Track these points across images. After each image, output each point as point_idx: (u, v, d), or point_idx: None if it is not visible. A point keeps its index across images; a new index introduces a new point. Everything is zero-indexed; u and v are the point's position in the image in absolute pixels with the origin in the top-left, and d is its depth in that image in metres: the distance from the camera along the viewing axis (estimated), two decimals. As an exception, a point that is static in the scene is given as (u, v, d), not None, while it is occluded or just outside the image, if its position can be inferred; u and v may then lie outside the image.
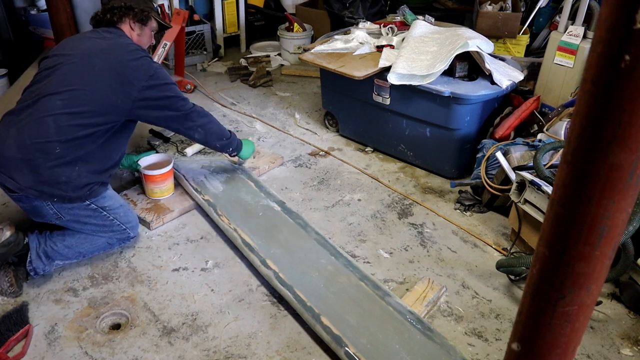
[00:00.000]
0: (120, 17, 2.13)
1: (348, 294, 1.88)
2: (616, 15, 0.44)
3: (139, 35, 2.19)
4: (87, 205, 2.02)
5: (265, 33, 4.81)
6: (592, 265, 0.54)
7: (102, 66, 1.96)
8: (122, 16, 2.13)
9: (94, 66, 1.96)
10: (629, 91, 0.45)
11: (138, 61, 2.01)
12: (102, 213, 2.06)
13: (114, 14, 2.12)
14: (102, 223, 2.07)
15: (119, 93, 1.95)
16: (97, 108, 1.93)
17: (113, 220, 2.09)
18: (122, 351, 1.76)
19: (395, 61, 2.66)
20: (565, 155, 0.51)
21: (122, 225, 2.12)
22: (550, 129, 2.48)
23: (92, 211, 2.04)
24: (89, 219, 2.05)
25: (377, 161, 2.98)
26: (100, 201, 2.05)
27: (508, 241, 2.32)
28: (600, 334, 1.87)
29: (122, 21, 2.14)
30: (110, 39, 2.08)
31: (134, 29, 2.17)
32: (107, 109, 1.95)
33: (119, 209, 2.12)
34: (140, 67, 1.99)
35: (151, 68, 2.02)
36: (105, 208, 2.06)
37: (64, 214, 1.99)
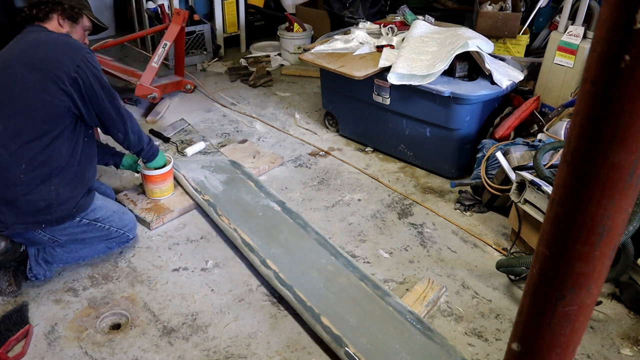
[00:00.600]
0: (46, 13, 1.93)
1: (348, 294, 1.88)
2: (616, 15, 0.44)
3: (69, 32, 1.99)
4: (79, 222, 1.95)
5: (265, 33, 4.81)
6: (592, 265, 0.54)
7: (24, 72, 1.79)
8: (49, 12, 1.93)
9: (16, 76, 1.79)
10: (629, 91, 0.45)
11: (62, 50, 1.83)
12: (97, 225, 2.01)
13: (40, 9, 1.93)
14: (100, 234, 2.04)
15: (53, 92, 1.78)
16: (38, 117, 1.78)
17: (110, 228, 2.06)
18: (122, 351, 1.76)
19: (395, 61, 2.66)
20: (565, 155, 0.51)
21: (120, 230, 2.10)
22: (550, 129, 2.48)
23: (86, 226, 1.98)
24: (86, 234, 2.01)
25: (377, 161, 2.98)
26: (91, 214, 1.98)
27: (508, 241, 2.32)
28: (600, 334, 1.87)
29: (48, 17, 1.94)
30: (28, 38, 1.89)
31: (63, 26, 1.98)
32: (48, 112, 1.79)
33: (113, 216, 2.07)
34: (65, 56, 1.81)
35: (78, 55, 1.83)
36: (98, 220, 2.01)
37: (59, 236, 1.94)
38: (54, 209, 1.85)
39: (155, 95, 3.31)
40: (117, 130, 2.01)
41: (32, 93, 1.78)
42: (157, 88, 3.33)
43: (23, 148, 1.78)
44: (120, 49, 4.44)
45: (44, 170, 1.82)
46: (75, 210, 1.92)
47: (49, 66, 1.79)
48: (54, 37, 1.89)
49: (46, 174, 1.82)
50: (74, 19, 2.00)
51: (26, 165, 1.78)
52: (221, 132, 3.22)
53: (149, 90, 3.27)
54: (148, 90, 3.27)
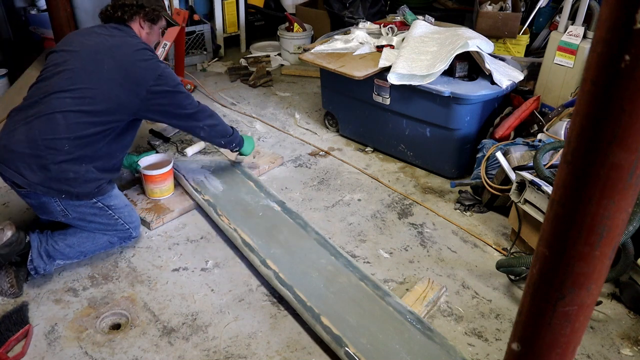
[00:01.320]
0: (131, 15, 2.12)
1: (348, 294, 1.88)
2: (616, 15, 0.44)
3: (148, 34, 2.19)
4: (94, 204, 2.02)
5: (265, 33, 4.81)
6: (592, 265, 0.54)
7: (111, 64, 1.96)
8: (133, 14, 2.12)
9: (103, 64, 1.96)
10: (629, 91, 0.45)
11: (147, 62, 2.01)
12: (108, 212, 2.07)
13: (125, 11, 2.11)
14: (107, 222, 2.08)
15: (128, 92, 1.96)
16: (106, 107, 1.93)
17: (118, 219, 2.09)
18: (122, 351, 1.76)
19: (395, 61, 2.66)
20: (565, 155, 0.51)
21: (126, 224, 2.13)
22: (550, 129, 2.48)
23: (99, 209, 2.04)
24: (95, 217, 2.05)
25: (377, 161, 2.98)
26: (107, 199, 2.05)
27: (508, 241, 2.32)
28: (600, 334, 1.87)
29: (132, 19, 2.13)
30: (119, 36, 2.07)
31: (144, 27, 2.17)
32: (116, 107, 1.95)
33: (124, 208, 2.12)
34: (149, 67, 2.00)
35: (159, 68, 2.02)
36: (111, 207, 2.07)
37: (71, 211, 1.99)
38: (79, 184, 1.94)
39: (155, 95, 3.30)
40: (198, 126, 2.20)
41: (111, 85, 1.94)
42: (157, 88, 3.32)
43: (80, 125, 1.90)
44: (120, 49, 4.44)
45: (86, 150, 1.93)
46: (97, 191, 2.00)
47: (134, 70, 1.97)
48: (141, 46, 2.06)
49: (86, 154, 1.94)
50: (154, 21, 2.19)
51: (74, 139, 1.90)
52: (221, 132, 3.22)
53: (149, 90, 3.27)
54: (148, 90, 3.27)
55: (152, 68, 2.00)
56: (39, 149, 1.86)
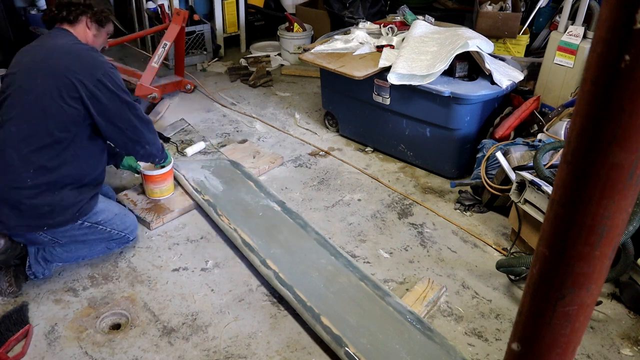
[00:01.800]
0: (77, 16, 1.96)
1: (348, 294, 1.88)
2: (616, 15, 0.44)
3: (95, 36, 2.03)
4: (81, 225, 1.95)
5: (265, 33, 4.81)
6: (592, 265, 0.54)
7: (44, 77, 1.81)
8: (79, 14, 1.96)
9: (36, 80, 1.81)
10: (629, 91, 0.45)
11: (84, 63, 1.86)
12: (98, 227, 2.01)
13: (71, 11, 1.95)
14: (101, 236, 2.05)
15: (69, 100, 1.80)
16: (52, 123, 1.79)
17: (111, 231, 2.06)
18: (122, 351, 1.76)
19: (395, 61, 2.66)
20: (565, 155, 0.51)
21: (121, 232, 2.10)
22: (550, 129, 2.48)
23: (87, 229, 1.99)
24: (87, 236, 2.01)
25: (377, 161, 2.98)
26: (93, 217, 1.98)
27: (508, 241, 2.32)
28: (600, 334, 1.87)
29: (78, 20, 1.96)
30: (54, 44, 1.91)
31: (90, 28, 2.00)
32: (62, 120, 1.81)
33: (114, 219, 2.06)
34: (86, 69, 1.84)
35: (100, 69, 1.85)
36: (100, 222, 2.01)
37: (60, 237, 1.94)
38: (57, 214, 1.86)
39: (156, 95, 3.31)
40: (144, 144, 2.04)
41: (49, 99, 1.79)
42: (157, 88, 3.33)
43: (33, 154, 1.79)
44: (120, 49, 4.44)
45: (52, 176, 1.82)
46: (78, 214, 1.92)
47: (69, 75, 1.80)
48: (79, 48, 1.91)
49: (54, 180, 1.83)
50: (101, 23, 2.03)
51: (34, 171, 1.79)
52: (221, 132, 3.22)
53: (149, 90, 3.27)
54: (148, 90, 3.27)
55: (90, 71, 1.84)
56: (4, 192, 1.77)
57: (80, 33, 1.99)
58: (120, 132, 1.95)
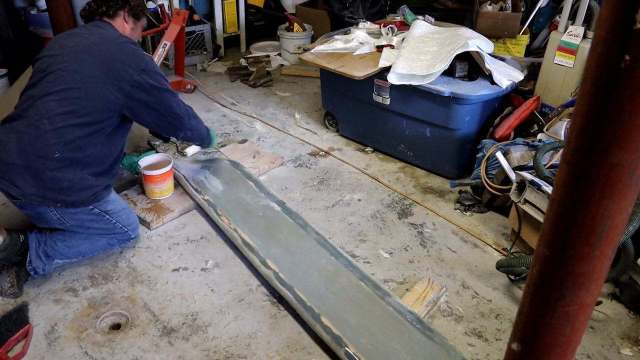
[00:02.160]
0: (115, 10, 2.10)
1: (348, 294, 1.88)
2: (616, 15, 0.44)
3: (132, 29, 2.17)
4: (91, 210, 2.00)
5: (265, 33, 4.81)
6: (592, 265, 0.54)
7: (91, 62, 1.92)
8: (118, 9, 2.10)
9: (84, 63, 1.93)
10: (629, 91, 0.45)
11: (129, 53, 1.98)
12: (105, 217, 2.05)
13: (110, 6, 2.08)
14: (105, 227, 2.07)
15: (111, 87, 1.91)
16: (91, 105, 1.90)
17: (116, 223, 2.09)
18: (122, 351, 1.76)
19: (395, 61, 2.66)
20: (565, 155, 0.51)
21: (124, 227, 2.12)
22: (550, 129, 2.48)
23: (96, 215, 2.03)
24: (92, 223, 2.04)
25: (377, 161, 2.98)
26: (104, 205, 2.03)
27: (508, 241, 2.32)
28: (600, 334, 1.87)
29: (116, 14, 2.10)
30: (99, 33, 2.03)
31: (128, 22, 2.15)
32: (101, 105, 1.91)
33: (122, 212, 2.11)
34: (131, 59, 1.96)
35: (142, 62, 1.98)
36: (108, 212, 2.06)
37: (68, 219, 1.97)
38: (74, 192, 1.91)
39: (155, 95, 3.30)
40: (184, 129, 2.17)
41: (94, 83, 1.90)
42: (157, 88, 3.33)
43: (67, 128, 1.87)
44: (120, 49, 4.44)
45: (77, 154, 1.90)
46: (92, 198, 1.98)
47: (117, 65, 1.93)
48: (123, 40, 2.04)
49: (78, 159, 1.90)
50: (137, 17, 2.18)
51: (64, 144, 1.87)
52: (221, 132, 3.22)
53: (149, 90, 3.27)
54: (148, 90, 3.27)
55: (135, 61, 1.96)
56: (30, 159, 1.83)
57: (119, 26, 2.12)
58: (162, 118, 2.06)
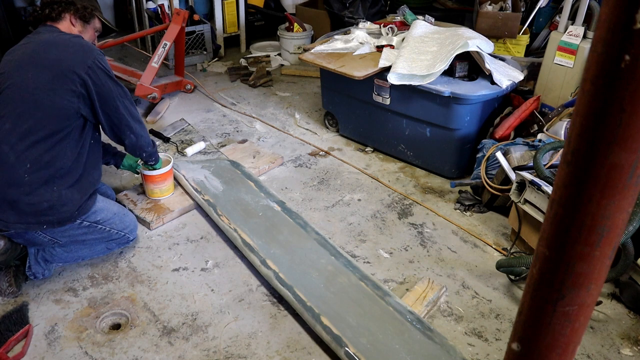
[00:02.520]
0: (59, 13, 1.96)
1: (348, 294, 1.88)
2: (616, 15, 0.44)
3: (81, 32, 2.03)
4: (80, 224, 1.96)
5: (265, 33, 4.81)
6: (592, 265, 0.54)
7: (35, 71, 1.81)
8: (62, 11, 1.96)
9: (27, 74, 1.82)
10: (629, 91, 0.45)
11: (73, 51, 1.86)
12: (98, 227, 2.01)
13: (53, 9, 1.95)
14: (100, 235, 2.04)
15: (62, 93, 1.81)
16: (45, 116, 1.80)
17: (110, 230, 2.06)
18: (122, 351, 1.76)
19: (395, 61, 2.66)
20: (565, 155, 0.51)
21: (121, 232, 2.10)
22: (550, 129, 2.48)
23: (87, 228, 1.99)
24: (86, 236, 2.01)
25: (377, 161, 2.98)
26: (92, 217, 1.98)
27: (508, 241, 2.32)
28: (600, 334, 1.87)
29: (61, 17, 1.97)
30: (42, 38, 1.91)
31: (75, 25, 2.01)
32: (56, 113, 1.81)
33: (113, 218, 2.06)
34: (76, 57, 1.84)
35: (89, 57, 1.85)
36: (99, 222, 2.01)
37: (59, 237, 1.94)
38: (56, 210, 1.85)
39: (155, 95, 3.31)
40: (129, 132, 2.03)
41: (42, 93, 1.79)
42: (157, 88, 3.33)
43: (28, 149, 1.79)
44: (120, 49, 4.44)
45: (48, 171, 1.82)
46: (78, 213, 1.92)
47: (59, 66, 1.81)
48: (65, 38, 1.91)
49: (50, 175, 1.83)
50: (85, 19, 2.03)
51: (31, 165, 1.79)
52: (221, 132, 3.22)
53: (149, 90, 3.27)
54: (148, 90, 3.27)
55: (80, 59, 1.84)
56: (1, 190, 1.77)
57: (66, 29, 1.99)
58: (107, 116, 1.94)
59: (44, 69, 1.81)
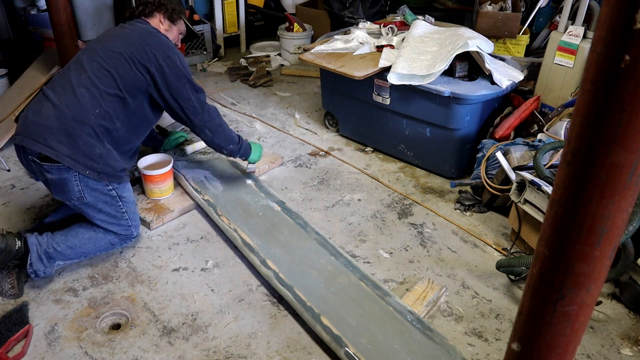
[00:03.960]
0: (151, 11, 2.26)
1: (348, 294, 1.88)
2: (616, 15, 0.44)
3: (167, 31, 2.29)
4: (109, 191, 2.06)
5: (265, 33, 4.81)
6: (592, 265, 0.54)
7: (124, 44, 2.09)
8: (153, 10, 2.26)
9: (116, 43, 2.10)
10: (629, 91, 0.45)
11: (158, 42, 2.13)
12: (118, 203, 2.10)
13: (146, 6, 2.27)
14: (114, 213, 2.09)
15: (139, 66, 2.06)
16: (121, 80, 2.03)
17: (124, 213, 2.11)
18: (122, 351, 1.76)
19: (395, 61, 2.66)
20: (565, 155, 0.51)
21: (129, 221, 2.13)
22: (550, 129, 2.48)
23: (112, 198, 2.07)
24: (105, 206, 2.06)
25: (377, 161, 2.98)
26: (121, 189, 2.10)
27: (508, 241, 2.32)
28: (600, 334, 1.87)
29: (152, 15, 2.26)
30: (136, 26, 2.20)
31: (163, 23, 2.29)
32: (129, 81, 2.05)
33: (132, 204, 2.16)
34: (160, 46, 2.11)
35: (171, 50, 2.12)
36: (122, 198, 2.10)
37: (87, 194, 2.01)
38: (104, 162, 2.00)
39: (156, 95, 3.30)
40: (202, 124, 2.22)
41: (124, 60, 2.06)
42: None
43: (101, 97, 2.01)
44: (120, 49, 4.44)
45: (109, 124, 2.02)
46: (116, 177, 2.06)
47: (144, 47, 2.09)
48: (156, 32, 2.21)
49: (109, 129, 2.02)
50: (172, 19, 2.32)
51: (99, 111, 1.99)
52: (221, 132, 3.22)
53: (149, 90, 3.27)
54: (148, 90, 3.27)
55: (163, 49, 2.10)
56: (68, 122, 1.93)
57: (155, 25, 2.26)
58: (180, 108, 2.16)
59: (131, 45, 2.09)
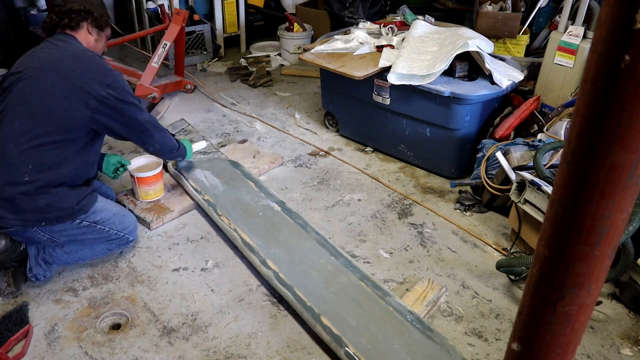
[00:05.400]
0: (78, 22, 2.01)
1: (348, 294, 1.88)
2: (616, 15, 0.44)
3: (96, 40, 2.09)
4: (79, 224, 1.96)
5: (265, 33, 4.81)
6: (592, 265, 0.54)
7: (56, 79, 1.86)
8: (81, 21, 2.01)
9: (47, 79, 1.86)
10: (629, 91, 0.45)
11: (95, 69, 1.92)
12: (97, 227, 2.02)
13: (72, 18, 2.00)
14: (100, 236, 2.05)
15: (76, 104, 1.85)
16: (57, 123, 1.84)
17: (109, 230, 2.06)
18: (122, 351, 1.76)
19: (395, 61, 2.66)
20: (565, 155, 0.51)
21: (120, 232, 2.10)
22: (550, 129, 2.48)
23: (86, 228, 1.99)
24: (85, 235, 2.01)
25: (377, 161, 2.98)
26: (91, 217, 1.99)
27: (508, 241, 2.32)
28: (600, 334, 1.87)
29: (79, 26, 2.02)
30: (64, 48, 1.96)
31: (92, 34, 2.07)
32: (67, 122, 1.85)
33: (113, 218, 2.07)
34: (97, 75, 1.91)
35: (109, 76, 1.93)
36: (98, 222, 2.01)
37: (58, 236, 1.94)
38: (54, 208, 1.87)
39: (155, 95, 3.31)
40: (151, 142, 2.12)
41: (58, 100, 1.85)
42: (157, 88, 3.33)
43: (34, 149, 1.81)
44: (120, 49, 4.44)
45: (49, 174, 1.85)
46: (77, 211, 1.93)
47: (81, 82, 1.87)
48: (89, 55, 1.99)
49: (50, 179, 1.85)
50: (101, 27, 2.11)
51: (33, 167, 1.81)
52: (221, 132, 3.22)
53: (149, 90, 3.27)
54: (148, 90, 3.27)
55: (101, 77, 1.90)
56: (1, 186, 1.79)
57: (83, 38, 2.04)
58: (130, 131, 2.03)
59: (64, 78, 1.87)
